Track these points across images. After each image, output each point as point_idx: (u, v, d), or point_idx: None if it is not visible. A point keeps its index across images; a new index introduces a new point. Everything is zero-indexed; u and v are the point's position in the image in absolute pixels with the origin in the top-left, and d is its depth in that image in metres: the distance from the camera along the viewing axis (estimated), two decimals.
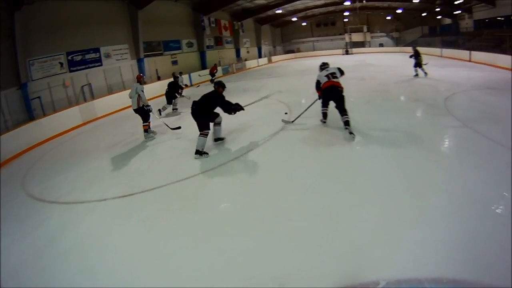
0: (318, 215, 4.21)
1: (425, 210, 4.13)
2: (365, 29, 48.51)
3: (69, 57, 14.31)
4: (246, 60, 34.72)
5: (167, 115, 12.45)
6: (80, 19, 14.88)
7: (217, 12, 27.31)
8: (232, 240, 3.85)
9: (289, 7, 35.92)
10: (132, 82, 17.85)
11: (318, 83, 8.07)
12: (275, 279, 3.14)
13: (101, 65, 16.16)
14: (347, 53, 45.40)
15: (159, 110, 12.25)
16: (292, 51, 50.48)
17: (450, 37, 33.35)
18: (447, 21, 41.10)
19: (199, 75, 23.37)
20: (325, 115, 8.39)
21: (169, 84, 13.04)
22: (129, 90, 9.27)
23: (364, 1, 33.83)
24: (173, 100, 13.00)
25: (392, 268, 3.13)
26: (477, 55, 22.24)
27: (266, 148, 7.16)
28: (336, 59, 13.38)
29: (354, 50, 46.26)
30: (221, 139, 7.91)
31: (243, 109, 7.50)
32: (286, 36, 52.34)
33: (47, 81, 13.26)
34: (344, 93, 7.71)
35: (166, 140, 8.85)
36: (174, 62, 22.96)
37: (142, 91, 9.05)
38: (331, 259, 3.34)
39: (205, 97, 7.23)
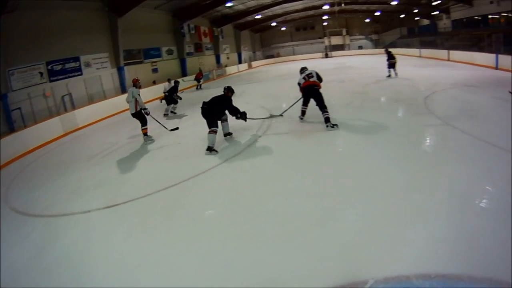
0: (303, 217, 4.27)
1: (410, 207, 4.23)
2: (344, 32, 49.67)
3: (49, 67, 14.21)
4: (226, 66, 34.97)
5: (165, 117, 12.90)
6: (60, 28, 14.80)
7: (196, 18, 27.52)
8: (218, 247, 3.86)
9: (268, 12, 36.44)
10: (112, 91, 18.01)
11: (299, 84, 9.04)
12: (263, 282, 3.20)
13: (81, 74, 16.07)
14: (326, 56, 46.26)
15: (165, 115, 13.53)
16: (272, 56, 51.04)
17: (429, 37, 34.33)
18: (425, 22, 42.43)
19: (183, 80, 23.48)
20: (303, 112, 9.30)
21: (169, 90, 13.86)
22: (126, 95, 9.43)
23: (342, 5, 34.50)
24: (173, 105, 13.77)
25: (381, 267, 3.18)
26: (456, 54, 23.07)
27: (248, 154, 7.23)
28: (316, 63, 13.68)
29: (334, 53, 47.20)
30: (230, 133, 8.62)
31: (245, 120, 8.19)
32: (265, 41, 52.99)
33: (27, 92, 13.13)
34: (325, 96, 8.41)
35: (149, 148, 8.86)
36: (155, 70, 23.00)
37: (139, 95, 9.19)
38: (319, 261, 3.39)
39: (214, 99, 7.89)
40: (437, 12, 36.73)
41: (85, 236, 4.60)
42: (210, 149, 7.51)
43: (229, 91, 8.12)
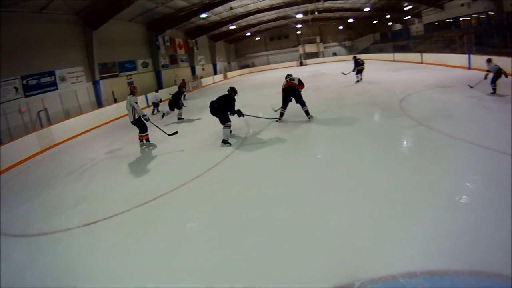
0: (286, 224, 4.29)
1: (391, 208, 4.30)
2: (318, 40, 50.87)
3: (24, 81, 14.06)
4: (201, 77, 35.13)
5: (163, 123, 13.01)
6: (34, 42, 14.71)
7: (171, 30, 27.74)
8: (203, 259, 3.84)
9: (243, 22, 37.10)
10: (88, 105, 17.88)
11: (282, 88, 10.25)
12: None
13: (56, 89, 15.94)
14: (301, 64, 47.09)
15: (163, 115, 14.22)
16: (247, 66, 51.52)
17: (402, 41, 35.52)
18: (398, 26, 43.85)
19: (170, 93, 23.43)
20: (282, 114, 10.50)
21: (173, 95, 14.17)
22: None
23: (316, 13, 35.34)
24: (178, 110, 14.11)
25: (368, 268, 3.22)
26: (428, 56, 24.05)
27: (227, 164, 7.24)
28: (291, 71, 13.95)
29: (308, 61, 48.12)
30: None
31: (243, 116, 9.15)
32: (240, 51, 53.69)
33: (2, 107, 12.96)
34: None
35: (127, 163, 8.76)
36: (130, 83, 22.81)
37: (136, 103, 9.30)
38: (305, 266, 3.41)
39: (221, 98, 8.80)
40: (409, 17, 38.15)
41: (66, 255, 4.50)
42: (225, 142, 8.65)
43: (232, 91, 8.98)
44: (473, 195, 4.47)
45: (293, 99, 10.07)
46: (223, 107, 8.71)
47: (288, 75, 10.49)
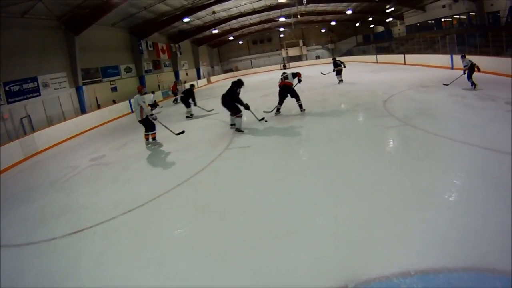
0: (272, 230, 4.23)
1: (380, 208, 4.32)
2: (301, 43, 51.52)
3: (6, 88, 13.93)
4: (185, 82, 35.05)
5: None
6: (17, 47, 14.59)
7: (154, 35, 27.71)
8: (190, 266, 3.80)
9: (225, 26, 37.27)
10: (72, 112, 17.76)
11: (289, 78, 11.30)
12: None
13: (39, 95, 15.80)
14: (285, 67, 47.38)
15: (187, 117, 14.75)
16: (230, 70, 51.73)
17: (384, 43, 36.20)
18: (380, 29, 44.64)
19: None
20: (278, 109, 11.73)
21: (184, 92, 15.27)
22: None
23: (298, 16, 35.71)
24: (187, 108, 14.84)
25: (358, 270, 3.22)
26: (411, 57, 24.68)
27: (213, 169, 7.20)
28: (274, 75, 14.07)
29: (292, 64, 48.66)
30: (234, 124, 10.30)
31: (247, 109, 9.87)
32: (223, 55, 53.95)
33: None
34: (286, 107, 11.16)
35: (111, 168, 8.72)
36: (114, 89, 22.84)
37: (144, 102, 9.49)
38: (292, 271, 3.38)
39: (229, 90, 9.81)
40: (391, 19, 38.88)
41: (52, 265, 4.40)
42: (238, 130, 9.92)
43: (233, 84, 9.89)
44: (460, 192, 4.55)
45: (289, 95, 11.34)
46: (232, 99, 9.72)
47: (283, 73, 11.64)
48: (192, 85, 15.73)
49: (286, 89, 11.27)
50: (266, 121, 10.81)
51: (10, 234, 5.73)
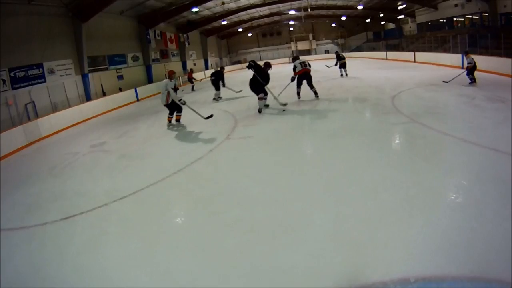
0: (269, 225, 4.18)
1: (379, 207, 4.23)
2: (310, 37, 51.10)
3: (12, 74, 13.99)
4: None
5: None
6: (23, 34, 14.61)
7: (162, 24, 27.64)
8: (180, 259, 3.75)
9: (234, 18, 37.07)
10: (77, 99, 17.82)
11: (294, 68, 12.27)
12: None
13: (44, 81, 15.86)
14: (295, 59, 47.03)
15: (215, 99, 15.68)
16: (239, 62, 51.48)
17: (394, 40, 35.88)
18: (391, 26, 44.22)
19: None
20: (299, 93, 12.63)
21: (213, 74, 15.95)
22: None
23: (308, 10, 35.47)
24: (216, 91, 15.68)
25: (354, 274, 3.12)
26: (421, 56, 24.46)
27: (209, 159, 7.20)
28: (283, 68, 14.10)
29: (301, 58, 48.05)
30: (267, 105, 11.63)
31: (266, 83, 10.88)
32: (232, 47, 53.74)
33: None
34: (291, 100, 11.69)
35: (110, 155, 8.77)
36: (120, 77, 22.88)
37: (172, 88, 9.70)
38: (286, 271, 3.30)
39: (254, 74, 10.75)
40: (402, 16, 38.46)
41: (39, 251, 4.39)
42: (260, 111, 11.05)
43: (266, 65, 11.05)
44: (466, 194, 4.45)
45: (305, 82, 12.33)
46: (257, 81, 10.68)
47: (296, 58, 13.01)
48: (222, 67, 16.70)
49: (306, 76, 12.22)
50: (284, 110, 11.10)
51: (3, 218, 5.73)
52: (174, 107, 10.26)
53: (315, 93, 12.49)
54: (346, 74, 19.47)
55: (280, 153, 7.16)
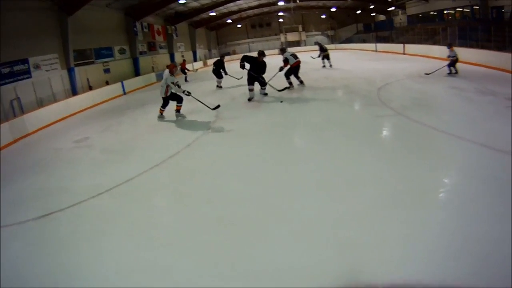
0: (250, 223, 4.15)
1: (363, 204, 4.19)
2: (300, 28, 51.04)
3: None
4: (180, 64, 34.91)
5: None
6: (8, 29, 14.38)
7: (149, 16, 27.39)
8: (163, 257, 3.70)
9: (223, 9, 36.93)
10: (62, 93, 17.66)
11: (286, 60, 12.96)
12: None
13: (30, 77, 15.68)
14: (283, 51, 47.11)
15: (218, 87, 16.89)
16: (228, 54, 51.21)
17: (384, 32, 36.11)
18: (381, 17, 44.34)
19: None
20: (291, 83, 13.28)
21: (215, 63, 17.10)
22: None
23: (298, 1, 35.44)
24: (218, 79, 16.81)
25: (342, 274, 3.08)
26: (411, 47, 24.80)
27: (188, 153, 7.23)
28: (271, 60, 14.10)
29: (290, 49, 47.87)
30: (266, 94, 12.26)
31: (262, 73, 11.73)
32: (221, 38, 53.55)
33: None
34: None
35: (92, 150, 8.77)
36: (106, 70, 22.67)
37: (172, 83, 9.78)
38: (268, 271, 3.25)
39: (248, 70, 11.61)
40: (393, 8, 38.61)
41: (18, 250, 4.35)
42: (249, 99, 11.85)
43: (260, 54, 11.70)
44: (453, 191, 4.44)
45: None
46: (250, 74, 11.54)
47: (285, 49, 14.15)
48: (222, 56, 17.77)
49: (299, 67, 13.30)
50: (281, 101, 11.17)
51: None
52: (172, 99, 10.38)
53: (302, 82, 13.63)
54: (331, 65, 20.12)
55: (261, 148, 7.13)
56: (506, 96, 9.05)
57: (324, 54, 20.20)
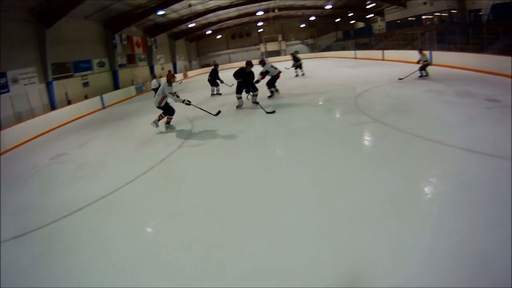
0: (207, 239, 4.09)
1: (335, 216, 4.13)
2: (280, 38, 51.71)
3: None
4: (161, 77, 34.72)
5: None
6: None
7: (129, 28, 27.39)
8: (130, 280, 3.62)
9: (203, 20, 37.17)
10: (40, 108, 17.41)
11: (267, 72, 13.30)
12: None
13: (8, 91, 15.50)
14: (263, 63, 47.50)
15: (212, 95, 17.48)
16: (208, 65, 51.42)
17: (364, 39, 36.87)
18: (361, 25, 45.31)
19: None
20: (273, 92, 14.00)
21: (211, 73, 17.52)
22: None
23: (277, 11, 35.88)
24: (215, 87, 17.42)
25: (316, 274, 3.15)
26: (390, 53, 25.41)
27: (160, 170, 7.10)
28: (252, 69, 14.29)
29: (270, 59, 48.49)
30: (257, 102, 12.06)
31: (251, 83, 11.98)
32: (201, 49, 53.89)
33: None
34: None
35: (68, 166, 8.58)
36: (85, 84, 22.49)
37: (170, 93, 9.70)
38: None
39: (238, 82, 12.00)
40: (372, 15, 39.50)
41: None
42: (237, 107, 12.35)
43: (248, 64, 12.00)
44: (433, 197, 4.35)
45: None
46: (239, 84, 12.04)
47: (265, 61, 14.34)
48: (216, 64, 18.18)
49: (278, 77, 13.82)
50: (274, 111, 11.12)
51: None
52: (165, 110, 10.27)
53: (277, 90, 14.23)
54: (303, 74, 21.09)
55: (230, 159, 7.09)
56: (486, 98, 9.28)
57: (297, 64, 21.20)
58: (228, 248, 3.87)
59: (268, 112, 10.68)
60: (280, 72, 13.79)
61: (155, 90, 20.58)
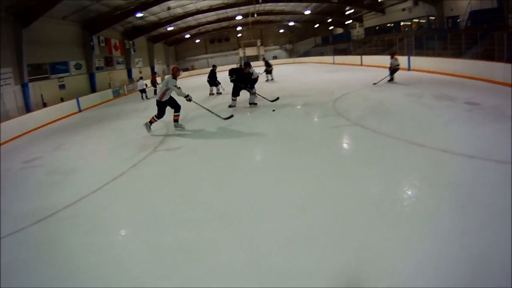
0: (176, 250, 3.91)
1: (312, 223, 4.03)
2: (258, 43, 52.18)
3: None
4: (138, 80, 34.51)
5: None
6: None
7: (107, 30, 27.13)
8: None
9: (181, 23, 37.24)
10: (15, 110, 17.04)
11: (253, 73, 13.39)
12: None
13: None
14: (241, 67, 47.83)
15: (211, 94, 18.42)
16: (186, 69, 51.45)
17: (342, 45, 37.53)
18: (339, 30, 46.20)
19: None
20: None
21: (210, 75, 18.37)
22: None
23: (255, 15, 36.14)
24: (215, 87, 18.35)
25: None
26: (368, 59, 25.99)
27: (131, 175, 6.86)
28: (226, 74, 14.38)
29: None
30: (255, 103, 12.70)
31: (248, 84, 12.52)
32: (180, 54, 53.86)
33: None
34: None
35: (41, 171, 8.34)
36: (62, 86, 22.16)
37: (174, 86, 9.50)
38: None
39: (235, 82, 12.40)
40: (350, 21, 40.30)
41: None
42: (230, 106, 12.62)
43: (246, 65, 12.62)
44: (415, 203, 4.30)
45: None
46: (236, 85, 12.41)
47: (249, 63, 13.65)
48: (214, 66, 19.19)
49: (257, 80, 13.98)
50: (273, 110, 11.38)
51: None
52: (170, 106, 9.99)
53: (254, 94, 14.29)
54: (272, 79, 22.46)
55: (206, 165, 6.99)
56: (466, 101, 9.59)
57: (268, 69, 22.69)
58: (202, 257, 3.69)
59: (272, 100, 12.51)
60: (258, 75, 14.23)
61: (142, 91, 22.40)
